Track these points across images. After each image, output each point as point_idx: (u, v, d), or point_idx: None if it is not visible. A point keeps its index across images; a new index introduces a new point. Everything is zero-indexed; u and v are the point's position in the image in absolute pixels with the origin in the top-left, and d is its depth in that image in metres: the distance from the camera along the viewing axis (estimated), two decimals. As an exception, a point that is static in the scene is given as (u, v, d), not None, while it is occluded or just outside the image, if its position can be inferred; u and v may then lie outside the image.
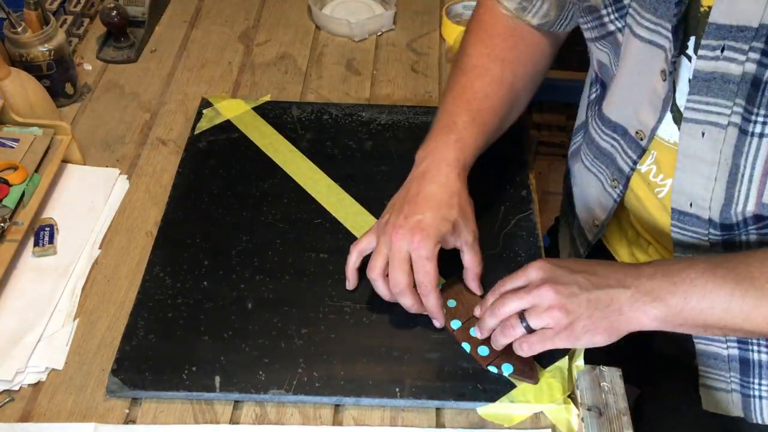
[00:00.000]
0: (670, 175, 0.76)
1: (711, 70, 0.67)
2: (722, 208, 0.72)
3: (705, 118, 0.69)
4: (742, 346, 0.81)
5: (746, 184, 0.69)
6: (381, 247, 0.77)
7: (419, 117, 1.02)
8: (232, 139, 0.99)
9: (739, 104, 0.66)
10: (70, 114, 1.05)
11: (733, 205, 0.71)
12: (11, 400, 0.74)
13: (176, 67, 1.14)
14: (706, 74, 0.67)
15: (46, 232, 0.87)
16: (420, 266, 0.75)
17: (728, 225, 0.73)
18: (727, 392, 0.85)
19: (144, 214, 0.92)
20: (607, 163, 0.84)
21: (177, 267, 0.84)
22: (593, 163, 0.87)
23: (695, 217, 0.75)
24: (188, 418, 0.73)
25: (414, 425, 0.73)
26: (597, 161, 0.86)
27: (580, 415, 0.71)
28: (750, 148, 0.67)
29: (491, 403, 0.73)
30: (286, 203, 0.91)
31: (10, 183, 0.87)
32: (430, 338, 0.78)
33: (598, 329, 0.68)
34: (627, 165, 0.81)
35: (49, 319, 0.80)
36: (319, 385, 0.74)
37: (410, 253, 0.75)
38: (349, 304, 0.81)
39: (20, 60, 1.01)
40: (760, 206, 0.69)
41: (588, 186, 0.90)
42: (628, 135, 0.80)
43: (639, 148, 0.78)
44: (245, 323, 0.79)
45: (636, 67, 0.75)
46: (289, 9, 1.25)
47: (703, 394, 0.86)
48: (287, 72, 1.13)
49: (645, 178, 0.80)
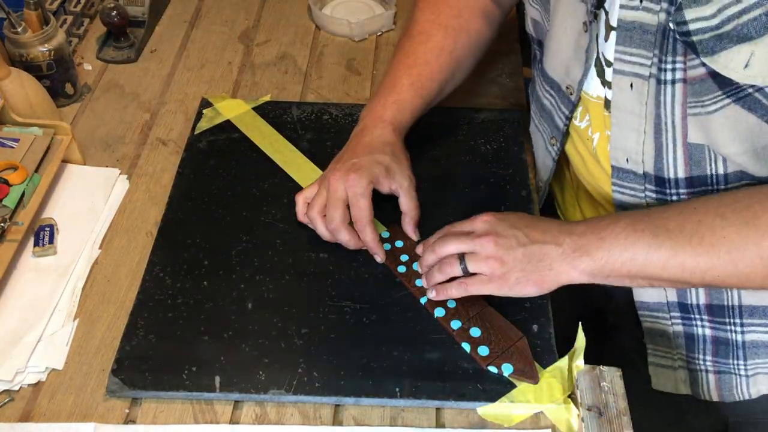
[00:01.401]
0: (597, 129, 0.80)
1: (632, 19, 0.70)
2: (654, 160, 0.75)
3: (631, 69, 0.72)
4: (686, 322, 0.84)
5: (671, 132, 0.72)
6: (321, 190, 0.84)
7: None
8: (232, 139, 0.99)
9: (656, 55, 0.70)
10: (70, 114, 1.05)
11: (663, 155, 0.74)
12: (11, 400, 0.74)
13: (176, 67, 1.14)
14: (628, 23, 0.70)
15: (46, 232, 0.87)
16: (354, 202, 0.82)
17: (661, 179, 0.76)
18: (674, 369, 0.87)
19: (144, 214, 0.92)
20: (548, 121, 0.88)
21: (177, 267, 0.84)
22: (539, 121, 0.91)
23: (632, 173, 0.78)
24: (188, 418, 0.73)
25: (414, 425, 0.73)
26: (541, 120, 0.90)
27: (580, 415, 0.71)
28: (666, 96, 0.71)
29: (491, 403, 0.73)
30: (286, 203, 0.91)
31: (10, 183, 0.87)
32: (430, 338, 0.78)
33: (529, 281, 0.74)
34: (561, 121, 0.84)
35: (49, 319, 0.80)
36: (319, 385, 0.74)
37: (346, 191, 0.81)
38: (349, 304, 0.81)
39: (20, 60, 1.01)
40: (687, 153, 0.73)
41: (537, 147, 0.93)
42: (561, 91, 0.83)
43: (570, 103, 0.81)
44: (245, 323, 0.79)
45: (563, 22, 0.79)
46: (289, 9, 1.25)
47: (652, 373, 0.88)
48: (287, 72, 1.13)
49: (582, 135, 0.83)
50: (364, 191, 0.82)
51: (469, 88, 1.08)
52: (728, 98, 0.67)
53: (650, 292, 0.84)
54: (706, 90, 0.67)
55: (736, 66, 0.64)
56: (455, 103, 1.06)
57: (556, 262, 0.73)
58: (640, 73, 0.71)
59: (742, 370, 0.84)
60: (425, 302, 0.80)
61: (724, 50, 0.64)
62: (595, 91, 0.79)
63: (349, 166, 0.83)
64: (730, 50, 0.63)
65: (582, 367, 0.74)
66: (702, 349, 0.85)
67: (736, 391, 0.85)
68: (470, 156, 0.97)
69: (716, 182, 0.74)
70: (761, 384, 0.84)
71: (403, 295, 0.81)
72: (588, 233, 0.73)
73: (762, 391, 0.85)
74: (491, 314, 0.79)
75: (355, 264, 0.84)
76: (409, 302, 0.81)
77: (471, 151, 0.97)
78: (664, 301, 0.84)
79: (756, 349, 0.82)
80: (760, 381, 0.84)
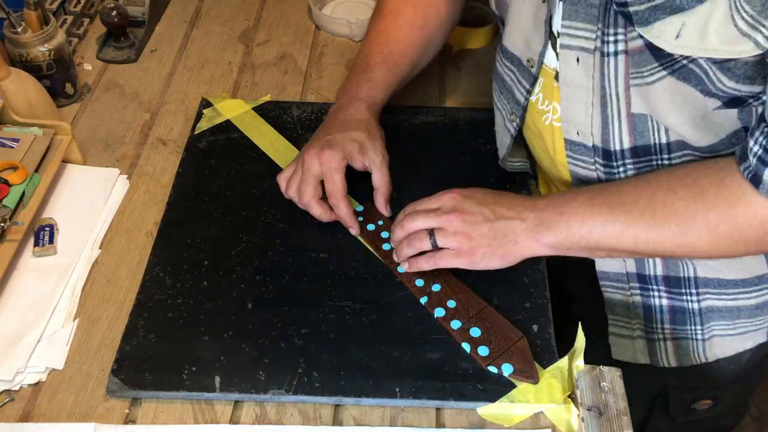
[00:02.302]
0: (554, 100, 0.81)
1: None
2: (602, 132, 0.78)
3: (577, 44, 0.74)
4: (644, 293, 0.87)
5: (615, 103, 0.75)
6: (297, 168, 0.87)
7: (419, 117, 1.02)
8: (232, 139, 0.99)
9: (600, 28, 0.72)
10: (70, 114, 1.05)
11: (609, 126, 0.77)
12: (11, 400, 0.74)
13: (176, 67, 1.14)
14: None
15: (46, 232, 0.87)
16: (328, 178, 0.84)
17: (608, 152, 0.79)
18: (632, 339, 0.91)
19: (144, 214, 0.92)
20: (508, 97, 0.88)
21: (177, 267, 0.84)
22: (499, 98, 0.91)
23: (582, 145, 0.80)
24: (188, 418, 0.73)
25: (414, 425, 0.73)
26: (501, 96, 0.91)
27: (580, 415, 0.71)
28: (610, 69, 0.73)
29: (491, 403, 0.73)
30: (286, 203, 0.90)
31: (10, 183, 0.87)
32: (430, 338, 0.78)
33: (496, 256, 0.78)
34: (522, 95, 0.85)
35: (49, 319, 0.80)
36: (319, 385, 0.74)
37: (321, 167, 0.84)
38: (349, 304, 0.81)
39: (20, 60, 1.01)
40: (631, 123, 0.75)
41: (497, 126, 0.95)
42: (522, 65, 0.84)
43: (531, 77, 0.82)
44: (245, 323, 0.79)
45: None
46: (289, 9, 1.25)
47: (612, 344, 0.92)
48: (287, 72, 1.13)
49: (535, 108, 0.84)
50: (338, 167, 0.84)
51: (470, 88, 1.09)
52: (664, 69, 0.70)
53: (611, 263, 0.87)
54: (645, 61, 0.70)
55: (668, 37, 0.66)
56: (456, 103, 1.07)
57: (520, 237, 0.77)
58: (585, 47, 0.74)
59: (699, 335, 0.88)
60: (425, 302, 0.80)
61: (658, 21, 0.66)
62: (552, 62, 0.80)
63: (323, 144, 0.86)
64: (663, 21, 0.66)
65: (582, 367, 0.74)
66: (659, 318, 0.88)
67: (694, 356, 0.89)
68: (470, 156, 0.97)
69: (659, 151, 0.77)
70: (717, 347, 0.88)
71: (403, 295, 0.82)
72: (549, 208, 0.77)
73: (718, 355, 0.89)
74: (491, 314, 0.79)
75: (355, 264, 0.85)
76: (409, 302, 0.81)
77: (471, 151, 0.97)
78: (624, 272, 0.87)
79: (711, 314, 0.86)
80: (715, 344, 0.88)
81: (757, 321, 0.87)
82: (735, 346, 0.88)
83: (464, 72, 1.12)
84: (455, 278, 0.82)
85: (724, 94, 0.69)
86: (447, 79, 1.11)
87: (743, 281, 0.84)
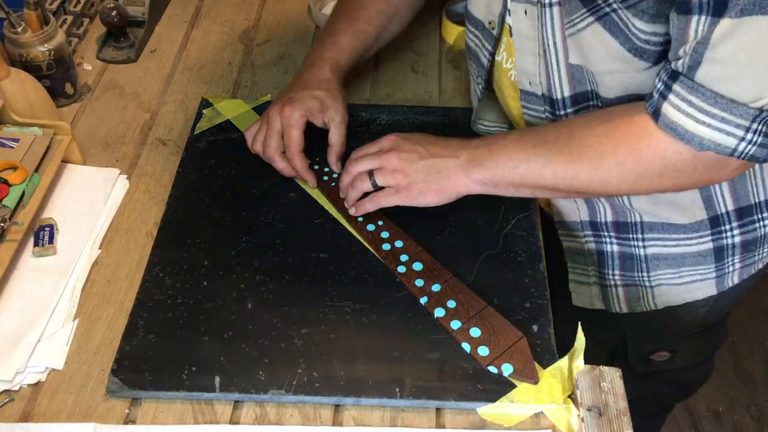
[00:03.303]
0: (512, 55, 0.85)
1: None
2: (547, 81, 0.81)
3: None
4: (597, 239, 0.92)
5: (554, 53, 0.79)
6: (262, 124, 0.92)
7: (419, 117, 1.02)
8: (232, 139, 0.99)
9: None
10: (70, 114, 1.05)
11: (551, 74, 0.80)
12: (11, 400, 0.74)
13: (176, 67, 1.14)
14: None
15: (46, 232, 0.87)
16: (287, 132, 0.89)
17: (552, 99, 0.82)
18: (588, 285, 0.97)
19: (144, 214, 0.92)
20: (475, 62, 0.92)
21: (177, 267, 0.84)
22: (469, 64, 0.95)
23: (534, 95, 0.84)
24: (188, 418, 0.73)
25: (414, 425, 0.73)
26: (471, 62, 0.94)
27: (580, 415, 0.71)
28: (546, 19, 0.77)
29: (491, 403, 0.73)
30: (286, 203, 0.91)
31: (10, 183, 0.87)
32: (430, 338, 0.78)
33: (431, 191, 0.81)
34: (485, 58, 0.89)
35: (49, 319, 0.80)
36: (319, 385, 0.74)
37: (281, 123, 0.89)
38: (349, 304, 0.81)
39: (20, 60, 1.01)
40: (570, 72, 0.79)
41: (471, 91, 0.98)
42: (485, 29, 0.87)
43: (492, 39, 0.86)
44: (245, 323, 0.79)
45: None
46: (289, 9, 1.25)
47: (572, 290, 0.98)
48: (287, 72, 1.13)
49: (501, 67, 0.88)
50: (296, 122, 0.89)
51: (470, 88, 1.08)
52: (591, 16, 0.73)
53: (567, 212, 0.92)
54: (575, 8, 0.74)
55: None
56: (456, 103, 1.07)
57: (453, 173, 0.80)
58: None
59: (647, 282, 0.93)
60: (425, 302, 0.80)
61: None
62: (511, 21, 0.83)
63: (286, 100, 0.90)
64: None
65: (582, 367, 0.74)
66: (611, 264, 0.93)
67: (643, 302, 0.94)
68: (470, 156, 0.97)
69: (596, 97, 0.80)
70: (665, 295, 0.93)
71: (403, 295, 0.82)
72: (481, 146, 0.80)
73: (667, 302, 0.94)
74: (491, 314, 0.79)
75: (355, 264, 0.85)
76: (409, 302, 0.81)
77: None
78: (578, 220, 0.92)
79: (657, 262, 0.91)
80: (664, 292, 0.93)
81: (700, 269, 0.91)
82: (683, 296, 0.93)
83: (464, 72, 1.12)
84: (455, 278, 0.82)
85: (648, 46, 0.72)
86: (447, 79, 1.11)
87: (684, 227, 0.88)
